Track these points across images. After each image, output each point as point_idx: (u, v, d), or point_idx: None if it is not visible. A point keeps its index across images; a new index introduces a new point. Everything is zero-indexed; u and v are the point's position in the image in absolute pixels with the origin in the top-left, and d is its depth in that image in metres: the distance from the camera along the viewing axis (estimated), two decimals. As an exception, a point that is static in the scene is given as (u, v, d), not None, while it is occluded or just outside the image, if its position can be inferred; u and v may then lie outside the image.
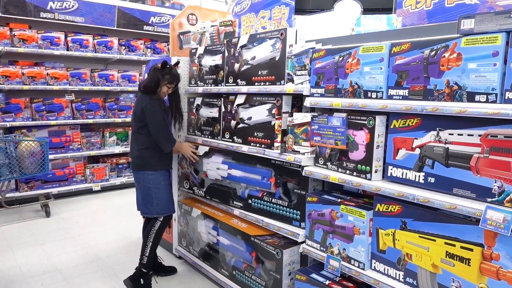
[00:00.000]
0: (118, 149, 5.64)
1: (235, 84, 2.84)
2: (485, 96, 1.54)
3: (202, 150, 3.09)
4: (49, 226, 4.21)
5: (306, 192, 2.35)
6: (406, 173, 1.87)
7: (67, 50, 5.18)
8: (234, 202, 2.86)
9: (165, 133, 2.86)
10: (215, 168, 3.00)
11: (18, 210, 4.64)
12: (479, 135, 1.60)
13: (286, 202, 2.48)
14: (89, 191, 5.39)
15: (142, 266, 2.86)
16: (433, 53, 1.71)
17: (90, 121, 5.41)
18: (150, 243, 2.86)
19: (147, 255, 2.85)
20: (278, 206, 2.54)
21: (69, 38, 5.20)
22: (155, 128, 2.80)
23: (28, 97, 4.96)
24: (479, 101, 1.56)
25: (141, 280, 2.85)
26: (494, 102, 1.52)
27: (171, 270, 3.20)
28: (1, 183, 4.20)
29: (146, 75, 3.22)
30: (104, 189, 5.47)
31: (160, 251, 3.35)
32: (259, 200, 2.67)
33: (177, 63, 3.16)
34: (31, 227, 4.18)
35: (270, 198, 2.59)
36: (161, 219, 2.91)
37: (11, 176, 3.95)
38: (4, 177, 3.89)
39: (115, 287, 2.97)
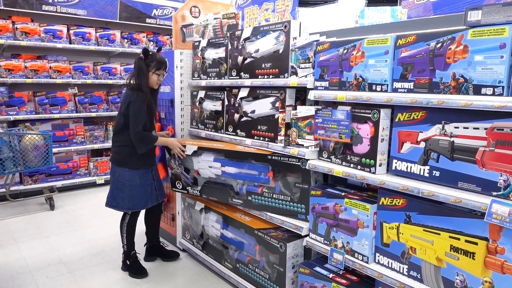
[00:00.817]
0: (121, 143, 5.64)
1: (238, 77, 2.82)
2: (492, 89, 1.52)
3: (191, 149, 2.96)
4: (54, 219, 4.24)
5: (309, 186, 2.35)
6: (411, 167, 1.86)
7: (70, 43, 5.17)
8: (234, 200, 2.80)
9: (141, 135, 2.76)
10: (207, 167, 2.91)
11: (23, 203, 4.67)
12: (485, 129, 1.59)
13: (289, 197, 2.48)
14: (93, 184, 5.41)
15: (123, 251, 3.10)
16: (439, 45, 1.69)
17: (93, 114, 5.41)
18: (125, 234, 3.03)
19: (125, 243, 3.05)
20: (280, 201, 2.53)
21: (71, 31, 5.18)
22: (134, 125, 2.73)
23: (31, 90, 4.97)
24: (486, 94, 1.54)
25: (127, 261, 3.08)
26: (500, 95, 1.50)
27: (174, 255, 3.28)
28: (6, 176, 4.23)
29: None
30: (107, 182, 5.39)
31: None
32: (259, 196, 2.64)
33: (159, 49, 3.04)
34: (36, 220, 4.21)
35: (271, 194, 2.57)
36: (129, 213, 2.99)
37: (15, 170, 3.98)
38: (8, 170, 3.91)
39: (119, 279, 3.00)
